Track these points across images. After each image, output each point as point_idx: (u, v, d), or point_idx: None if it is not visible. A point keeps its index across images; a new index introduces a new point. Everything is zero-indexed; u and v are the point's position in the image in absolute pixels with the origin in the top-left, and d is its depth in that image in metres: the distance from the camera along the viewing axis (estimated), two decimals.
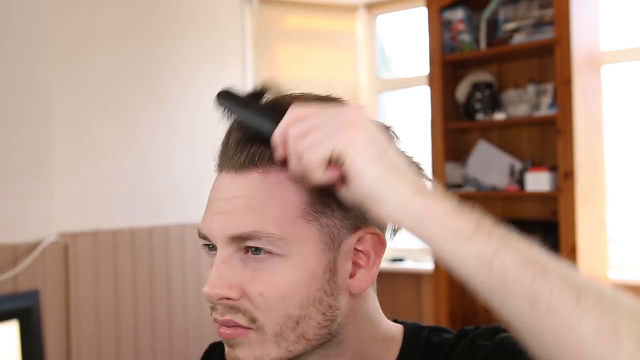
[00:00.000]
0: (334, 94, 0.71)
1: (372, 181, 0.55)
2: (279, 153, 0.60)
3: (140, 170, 2.94)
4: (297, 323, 0.64)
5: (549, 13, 2.73)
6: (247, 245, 0.63)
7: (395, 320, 0.77)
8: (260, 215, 0.62)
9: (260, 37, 3.51)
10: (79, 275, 2.67)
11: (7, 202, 2.44)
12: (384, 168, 0.55)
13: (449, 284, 2.99)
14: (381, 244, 0.67)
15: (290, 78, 3.61)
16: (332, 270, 0.64)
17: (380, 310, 0.73)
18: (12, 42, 2.49)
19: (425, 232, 0.54)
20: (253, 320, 0.63)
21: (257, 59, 3.50)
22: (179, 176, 3.04)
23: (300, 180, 0.61)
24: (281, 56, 3.62)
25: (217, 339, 0.89)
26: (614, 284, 2.85)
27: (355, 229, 0.65)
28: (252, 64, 3.47)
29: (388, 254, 3.64)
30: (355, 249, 0.66)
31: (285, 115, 0.59)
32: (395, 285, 3.47)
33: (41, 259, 2.52)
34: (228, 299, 0.64)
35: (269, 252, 0.63)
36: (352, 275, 0.66)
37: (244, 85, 3.42)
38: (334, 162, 0.57)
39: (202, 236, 0.67)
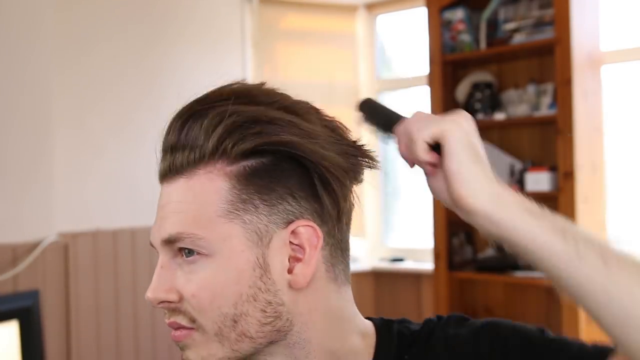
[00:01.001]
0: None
1: (460, 163, 0.63)
2: (399, 145, 0.68)
3: (140, 170, 2.94)
4: (235, 321, 0.65)
5: (549, 13, 2.73)
6: (179, 248, 0.66)
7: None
8: (184, 218, 0.65)
9: (260, 37, 3.51)
10: (79, 275, 2.67)
11: (7, 202, 2.44)
12: (472, 154, 0.64)
13: (449, 284, 3.00)
14: (317, 236, 0.67)
15: (290, 78, 3.61)
16: (262, 267, 0.65)
17: (354, 305, 0.73)
18: (10, 41, 2.49)
19: (502, 211, 0.62)
20: (193, 320, 0.66)
21: (257, 59, 3.50)
22: None
23: (406, 159, 0.68)
24: (281, 56, 3.63)
25: None
26: None
27: (287, 222, 0.66)
28: (252, 64, 3.47)
29: (388, 253, 3.64)
30: (290, 242, 0.66)
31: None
32: (395, 285, 3.47)
33: (41, 259, 2.53)
34: (169, 302, 0.66)
35: (199, 253, 0.65)
36: (290, 271, 0.66)
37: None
38: (437, 142, 0.64)
39: (151, 244, 0.69)
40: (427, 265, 3.31)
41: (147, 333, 2.91)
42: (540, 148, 2.96)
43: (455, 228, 3.05)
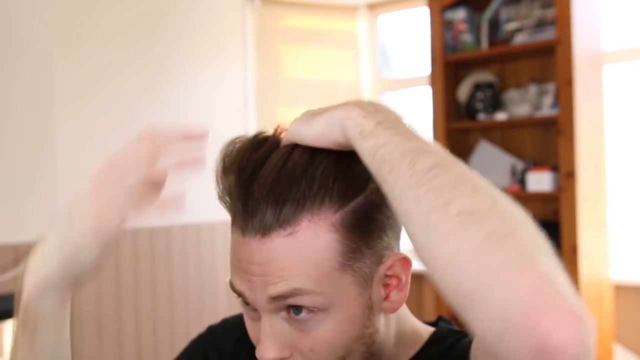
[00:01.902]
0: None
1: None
2: None
3: None
4: (344, 359, 0.65)
5: (550, 13, 2.73)
6: (289, 305, 0.63)
7: (435, 323, 0.77)
8: (296, 275, 0.62)
9: (262, 37, 3.51)
10: None
11: (9, 202, 2.45)
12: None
13: None
14: (408, 264, 0.67)
15: (292, 78, 3.61)
16: (369, 307, 0.65)
17: (406, 308, 0.74)
18: (14, 42, 2.49)
19: (338, 132, 0.59)
20: None
21: (258, 59, 3.50)
22: (182, 177, 3.03)
23: None
24: (283, 56, 3.63)
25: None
26: (615, 286, 2.85)
27: (382, 257, 0.66)
28: (254, 64, 3.47)
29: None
30: (385, 274, 0.66)
31: None
32: None
33: None
34: (281, 359, 0.65)
35: (311, 310, 0.63)
36: (386, 298, 0.67)
37: (246, 85, 3.43)
38: None
39: (239, 294, 0.66)
40: None
41: (149, 333, 2.91)
42: (542, 148, 2.96)
43: None
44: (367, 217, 0.64)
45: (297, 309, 0.63)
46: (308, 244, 0.62)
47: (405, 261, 0.67)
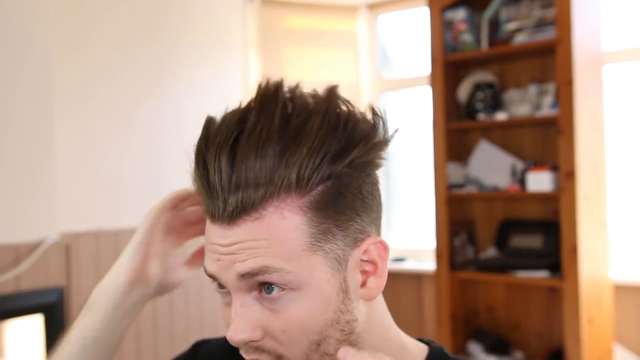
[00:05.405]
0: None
1: None
2: None
3: (142, 170, 2.94)
4: (319, 345, 0.64)
5: (550, 13, 2.73)
6: (260, 283, 0.63)
7: (420, 340, 0.77)
8: (265, 254, 0.61)
9: (262, 37, 3.51)
10: (80, 275, 2.68)
11: (9, 202, 2.45)
12: None
13: (450, 284, 3.00)
14: (385, 249, 0.67)
15: (292, 78, 3.61)
16: (344, 290, 0.65)
17: (389, 314, 0.74)
18: (14, 42, 2.49)
19: None
20: (279, 357, 0.65)
21: (258, 60, 3.50)
22: (181, 176, 3.03)
23: None
24: (283, 56, 3.63)
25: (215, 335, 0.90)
26: (615, 286, 2.85)
27: (357, 241, 0.65)
28: (254, 65, 3.48)
29: (390, 253, 3.64)
30: (361, 259, 0.66)
31: None
32: (396, 286, 3.47)
33: (43, 259, 2.53)
34: (253, 341, 0.64)
35: (282, 288, 0.62)
36: (362, 284, 0.67)
37: (246, 86, 3.43)
38: None
39: (210, 275, 0.66)
40: (428, 265, 3.31)
41: (148, 333, 2.91)
42: (542, 148, 2.96)
43: (457, 228, 3.05)
44: (337, 200, 0.63)
45: (269, 287, 0.62)
46: (275, 226, 0.61)
47: (382, 245, 0.67)
